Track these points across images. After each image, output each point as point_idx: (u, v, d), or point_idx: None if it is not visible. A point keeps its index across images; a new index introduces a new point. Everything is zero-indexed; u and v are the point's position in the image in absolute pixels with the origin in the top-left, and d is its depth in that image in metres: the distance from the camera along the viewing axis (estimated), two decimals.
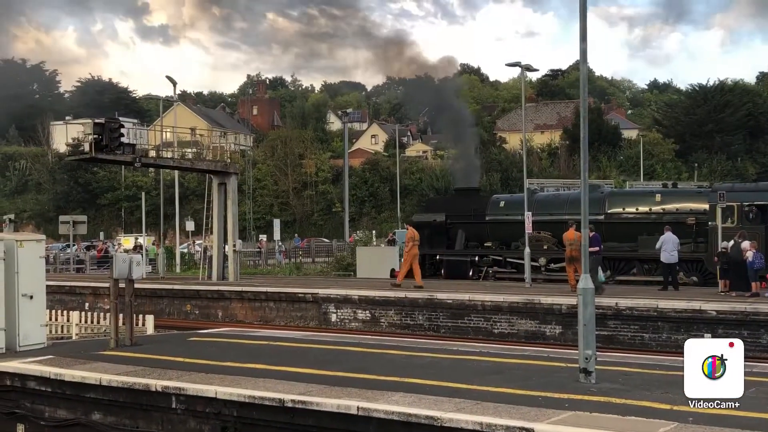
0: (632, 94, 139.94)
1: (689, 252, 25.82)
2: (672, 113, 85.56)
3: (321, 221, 77.10)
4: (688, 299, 20.50)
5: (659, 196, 27.95)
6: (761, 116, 79.85)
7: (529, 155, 69.75)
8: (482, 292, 23.34)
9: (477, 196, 33.31)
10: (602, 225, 27.56)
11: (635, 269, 27.41)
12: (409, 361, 13.01)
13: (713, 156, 74.52)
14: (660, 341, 19.68)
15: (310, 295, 25.47)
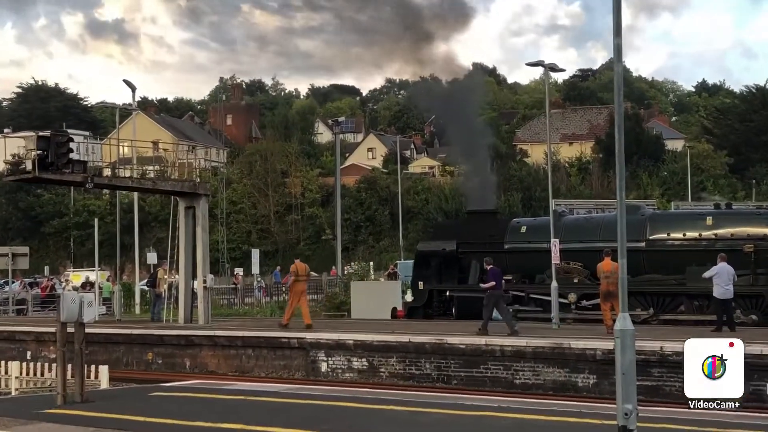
0: (677, 98, 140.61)
1: (747, 285, 25.78)
2: (724, 120, 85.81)
3: (308, 251, 77.08)
4: (748, 342, 20.41)
5: (710, 218, 27.99)
6: None
7: (555, 171, 70.04)
8: (501, 335, 23.30)
9: (494, 221, 33.37)
10: (643, 253, 27.61)
11: (683, 306, 27.40)
12: (413, 419, 12.97)
13: None
14: None
15: (296, 341, 25.39)
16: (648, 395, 19.39)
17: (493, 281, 24.36)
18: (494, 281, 24.42)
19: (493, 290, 24.47)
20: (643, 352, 19.64)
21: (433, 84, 44.85)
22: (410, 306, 32.75)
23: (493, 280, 24.45)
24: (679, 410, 14.91)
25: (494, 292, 24.54)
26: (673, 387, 20.01)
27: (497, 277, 24.60)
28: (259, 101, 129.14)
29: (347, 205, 72.41)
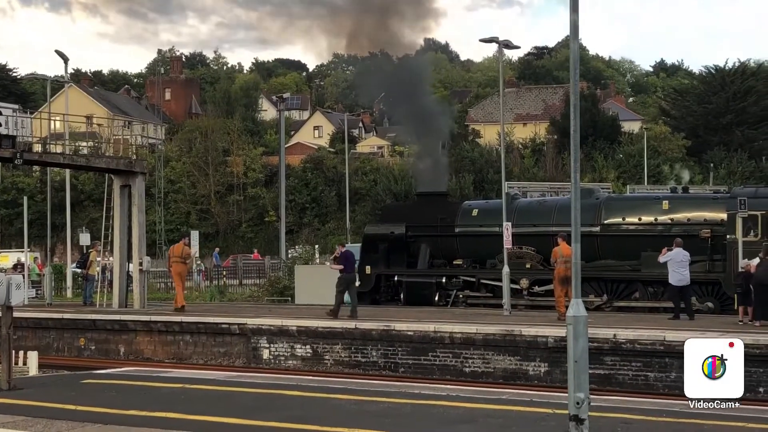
0: (634, 78, 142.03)
1: (703, 272, 26.21)
2: (682, 102, 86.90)
3: (251, 233, 76.79)
4: (702, 330, 20.81)
5: (667, 203, 28.34)
6: None
7: (508, 152, 70.35)
8: (451, 322, 23.44)
9: (444, 203, 33.47)
10: (597, 238, 27.91)
11: (638, 292, 27.77)
12: (359, 408, 13.01)
13: (732, 154, 75.81)
14: (668, 382, 19.92)
15: (237, 326, 25.33)
16: (601, 384, 19.68)
17: (343, 264, 25.71)
18: (345, 264, 25.68)
19: (345, 274, 25.68)
20: (596, 340, 19.91)
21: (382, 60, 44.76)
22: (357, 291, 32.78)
23: (345, 264, 25.70)
24: (632, 399, 15.16)
25: (346, 276, 25.73)
26: (626, 376, 20.36)
27: (348, 261, 25.85)
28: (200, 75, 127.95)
29: (292, 186, 72.15)
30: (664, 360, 20.11)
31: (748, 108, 78.98)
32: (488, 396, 14.37)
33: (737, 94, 79.76)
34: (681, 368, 19.75)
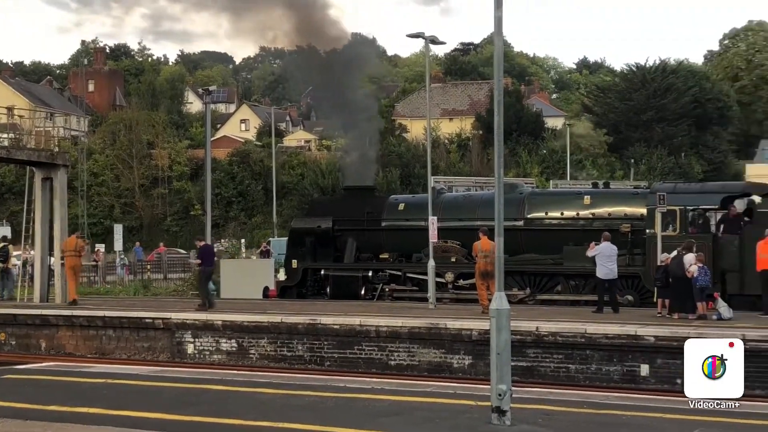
0: (558, 75, 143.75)
1: (623, 265, 26.63)
2: (604, 98, 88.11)
3: (176, 227, 76.03)
4: (622, 323, 21.19)
5: (588, 198, 28.74)
6: (709, 103, 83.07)
7: (435, 147, 70.57)
8: (377, 316, 23.50)
9: (371, 197, 33.54)
10: (521, 232, 28.19)
11: (560, 286, 28.15)
12: (285, 402, 13.00)
13: (653, 150, 77.12)
14: (588, 374, 20.25)
15: (161, 321, 25.09)
16: (523, 376, 19.93)
17: (201, 258, 27.17)
18: (203, 259, 26.96)
19: (204, 267, 26.92)
20: (519, 333, 20.15)
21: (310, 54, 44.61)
22: (283, 285, 32.69)
23: (203, 258, 26.95)
24: (553, 391, 15.39)
25: (205, 269, 26.89)
26: (548, 368, 20.64)
27: (207, 255, 27.04)
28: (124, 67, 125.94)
29: (218, 180, 71.58)
30: (585, 352, 20.43)
31: (667, 105, 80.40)
32: (413, 389, 14.46)
33: (657, 91, 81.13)
34: (601, 360, 20.25)
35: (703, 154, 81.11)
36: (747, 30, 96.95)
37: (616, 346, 20.16)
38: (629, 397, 14.70)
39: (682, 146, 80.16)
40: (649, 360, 19.75)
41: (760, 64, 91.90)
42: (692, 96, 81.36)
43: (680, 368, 19.32)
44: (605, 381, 19.97)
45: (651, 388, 19.09)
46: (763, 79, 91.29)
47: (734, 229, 25.53)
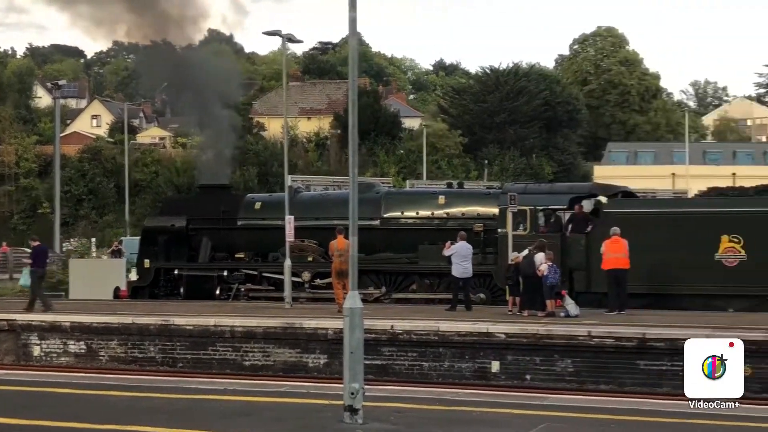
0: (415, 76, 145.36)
1: (476, 264, 27.09)
2: (460, 100, 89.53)
3: (23, 225, 73.41)
4: (474, 321, 21.60)
5: (443, 198, 29.16)
6: (559, 106, 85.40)
7: (293, 146, 70.31)
8: (231, 316, 23.30)
9: (227, 196, 33.14)
10: (377, 231, 28.37)
11: (415, 284, 28.45)
12: (134, 404, 12.76)
13: (505, 151, 78.77)
14: (441, 371, 20.57)
15: (5, 323, 24.29)
16: (378, 374, 20.06)
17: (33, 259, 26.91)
18: (35, 260, 26.65)
19: (35, 268, 26.39)
20: (373, 331, 20.30)
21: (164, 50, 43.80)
22: (135, 286, 31.98)
23: (35, 259, 26.66)
24: (405, 389, 15.55)
25: (37, 270, 26.33)
26: (403, 366, 20.86)
27: (40, 256, 26.65)
28: None
29: (68, 177, 69.49)
30: (438, 350, 20.74)
31: (520, 107, 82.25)
32: (266, 389, 14.40)
33: (510, 93, 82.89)
34: (453, 357, 20.57)
35: (553, 155, 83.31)
36: (596, 35, 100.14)
37: (469, 344, 20.54)
38: (480, 393, 14.98)
39: (534, 148, 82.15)
40: (500, 357, 20.19)
41: (607, 69, 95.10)
42: (543, 99, 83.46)
43: (529, 364, 20.05)
44: (458, 378, 20.33)
45: (501, 384, 19.54)
46: (610, 83, 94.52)
47: (581, 228, 26.35)
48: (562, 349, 20.00)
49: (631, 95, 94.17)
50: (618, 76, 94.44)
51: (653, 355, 19.33)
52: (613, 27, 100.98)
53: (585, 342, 19.88)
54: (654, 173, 73.92)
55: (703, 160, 79.18)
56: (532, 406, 12.11)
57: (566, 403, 11.48)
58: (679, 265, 24.86)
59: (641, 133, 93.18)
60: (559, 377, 19.82)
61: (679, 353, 18.88)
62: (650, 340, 19.42)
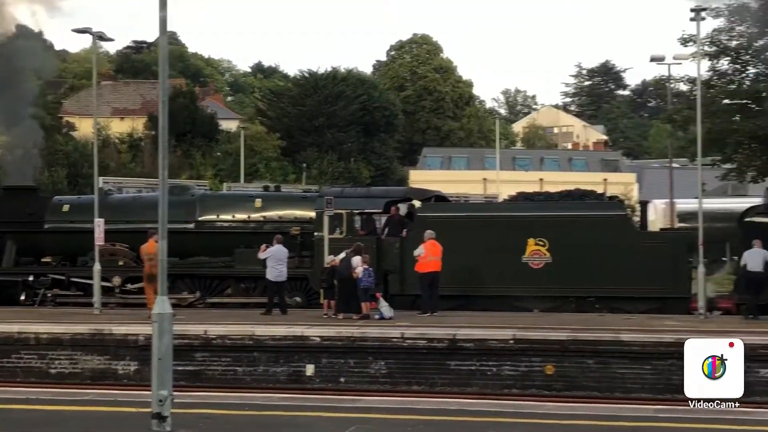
0: (233, 78, 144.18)
1: (293, 267, 27.09)
2: (278, 103, 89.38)
3: None
4: (289, 324, 21.62)
5: (259, 201, 29.05)
6: (376, 111, 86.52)
7: (105, 147, 68.32)
8: (37, 322, 22.49)
9: (33, 198, 31.89)
10: (192, 235, 27.98)
11: (230, 288, 28.20)
12: None
13: (324, 155, 79.16)
14: (256, 375, 20.48)
15: None
16: (191, 380, 19.80)
17: None
18: None
19: None
20: (186, 336, 20.04)
21: None
22: None
23: None
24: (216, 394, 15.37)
25: None
26: (216, 371, 20.64)
27: None
28: None
29: None
30: (252, 354, 20.64)
31: (338, 111, 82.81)
32: (72, 397, 13.94)
33: (329, 97, 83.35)
34: (268, 361, 20.51)
35: (371, 159, 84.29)
36: (412, 42, 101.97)
37: (284, 348, 20.55)
38: (294, 397, 14.98)
39: (352, 152, 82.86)
40: (315, 360, 20.28)
41: (423, 76, 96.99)
42: (361, 104, 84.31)
43: (344, 367, 20.22)
44: (272, 382, 20.29)
45: (316, 387, 19.62)
46: (426, 89, 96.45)
47: (396, 232, 26.77)
48: (376, 351, 20.29)
49: (445, 102, 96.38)
50: (433, 83, 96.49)
51: (463, 355, 19.85)
52: (428, 35, 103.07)
53: (398, 344, 20.23)
54: (467, 178, 75.92)
55: (512, 166, 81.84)
56: (343, 408, 12.21)
57: (377, 404, 11.63)
58: (488, 267, 25.63)
59: (455, 139, 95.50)
60: (373, 379, 20.08)
61: (487, 353, 19.65)
62: (460, 341, 19.94)
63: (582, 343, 19.59)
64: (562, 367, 19.39)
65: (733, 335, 18.80)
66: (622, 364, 19.27)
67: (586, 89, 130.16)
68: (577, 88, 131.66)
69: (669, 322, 22.00)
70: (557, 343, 19.61)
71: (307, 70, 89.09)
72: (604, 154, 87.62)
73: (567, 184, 44.41)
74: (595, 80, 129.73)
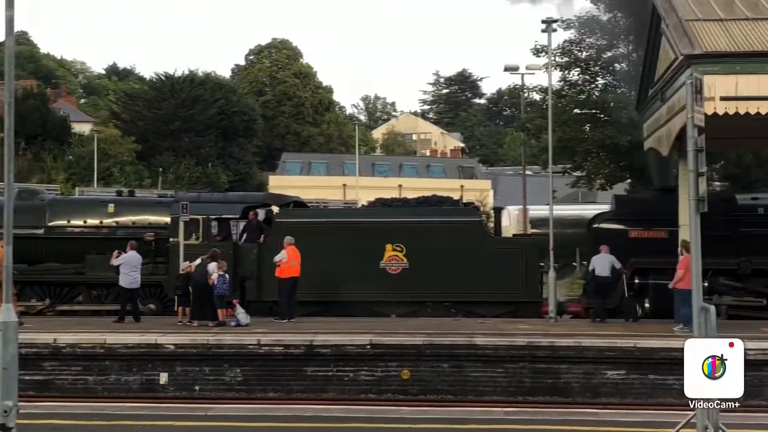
0: (87, 80, 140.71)
1: (147, 274, 26.57)
2: (133, 106, 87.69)
3: None
4: (143, 332, 21.24)
5: (112, 206, 28.37)
6: (235, 116, 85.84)
7: None
8: None
9: None
10: (41, 241, 27.17)
11: (81, 296, 27.47)
12: None
13: (181, 159, 78.05)
14: (107, 384, 20.04)
15: None
16: (39, 390, 19.27)
17: None
18: None
19: None
20: (35, 345, 19.48)
21: None
22: None
23: None
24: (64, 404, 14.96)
25: None
26: (66, 380, 20.11)
27: None
28: None
29: None
30: (104, 363, 20.18)
31: (195, 116, 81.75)
32: None
33: (186, 101, 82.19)
34: (121, 370, 20.10)
35: (229, 164, 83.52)
36: (271, 47, 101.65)
37: (137, 356, 20.17)
38: (146, 406, 14.73)
39: (210, 156, 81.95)
40: (169, 368, 19.98)
41: (283, 81, 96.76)
42: (219, 108, 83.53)
43: (199, 375, 19.98)
44: (125, 391, 19.91)
45: (170, 396, 19.33)
46: (285, 95, 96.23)
47: (254, 237, 26.62)
48: (231, 358, 20.13)
49: (305, 107, 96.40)
50: (293, 88, 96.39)
51: (320, 361, 19.89)
52: (287, 40, 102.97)
53: (255, 350, 20.12)
54: (327, 184, 76.15)
55: (372, 172, 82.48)
56: (196, 417, 12.07)
57: (231, 412, 11.54)
58: (347, 273, 25.73)
59: (315, 145, 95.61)
60: (228, 386, 19.91)
61: (344, 359, 19.74)
62: (317, 347, 19.97)
63: (437, 347, 19.88)
64: (417, 371, 19.63)
65: (581, 338, 19.54)
66: (476, 368, 19.64)
67: (444, 97, 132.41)
68: (435, 96, 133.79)
69: (521, 325, 22.54)
70: (413, 347, 19.86)
71: (163, 72, 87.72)
72: (461, 161, 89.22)
73: (425, 190, 45.02)
74: (452, 88, 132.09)
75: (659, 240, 25.40)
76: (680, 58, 19.66)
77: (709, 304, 11.04)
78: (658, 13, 22.61)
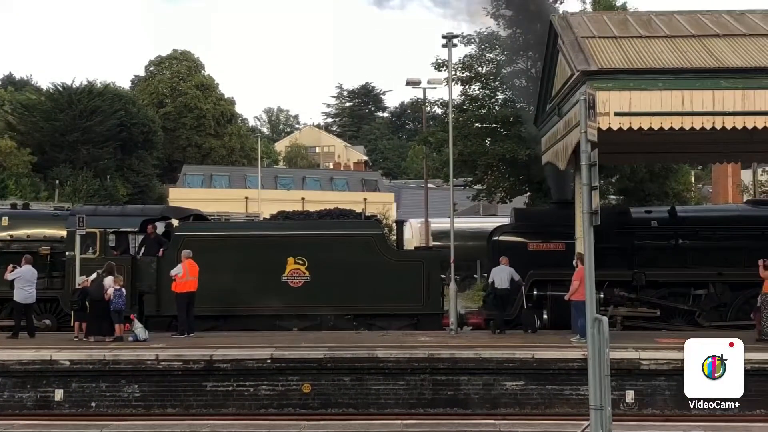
0: None
1: (42, 289, 25.98)
2: (29, 117, 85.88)
3: None
4: (37, 348, 20.79)
5: (6, 219, 27.77)
6: (135, 128, 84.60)
7: None
8: None
9: None
10: None
11: None
12: None
13: (78, 171, 76.65)
14: (0, 402, 19.56)
15: None
16: None
17: None
18: None
19: None
20: None
21: None
22: None
23: None
24: None
25: None
26: None
27: None
28: None
29: None
30: None
31: (94, 127, 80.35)
32: None
33: (84, 112, 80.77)
34: (15, 386, 19.65)
35: (128, 177, 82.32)
36: (172, 58, 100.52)
37: (31, 372, 19.74)
38: (39, 424, 14.42)
39: (108, 169, 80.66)
40: (64, 385, 19.59)
41: (184, 93, 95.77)
42: (118, 119, 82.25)
43: (95, 391, 19.62)
44: (18, 408, 19.49)
45: (65, 414, 18.97)
46: (186, 106, 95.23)
47: (153, 251, 26.26)
48: (129, 374, 19.82)
49: (206, 119, 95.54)
50: (194, 100, 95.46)
51: (219, 376, 19.72)
52: (188, 51, 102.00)
53: (153, 366, 19.85)
54: (228, 196, 75.66)
55: (275, 184, 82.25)
56: None
57: (127, 429, 11.35)
58: (248, 286, 25.57)
59: (216, 157, 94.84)
60: (125, 403, 19.60)
61: (244, 373, 19.61)
62: (217, 362, 19.80)
63: (339, 360, 19.89)
64: (319, 384, 19.62)
65: (481, 349, 19.79)
66: (377, 381, 19.70)
67: (347, 110, 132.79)
68: (338, 108, 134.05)
69: (422, 338, 22.70)
70: (315, 361, 19.84)
71: (61, 83, 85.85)
72: (364, 174, 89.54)
73: (328, 203, 45.11)
74: (355, 102, 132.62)
75: (557, 252, 25.87)
76: (576, 74, 20.08)
77: (602, 315, 11.29)
78: (555, 30, 23.09)
